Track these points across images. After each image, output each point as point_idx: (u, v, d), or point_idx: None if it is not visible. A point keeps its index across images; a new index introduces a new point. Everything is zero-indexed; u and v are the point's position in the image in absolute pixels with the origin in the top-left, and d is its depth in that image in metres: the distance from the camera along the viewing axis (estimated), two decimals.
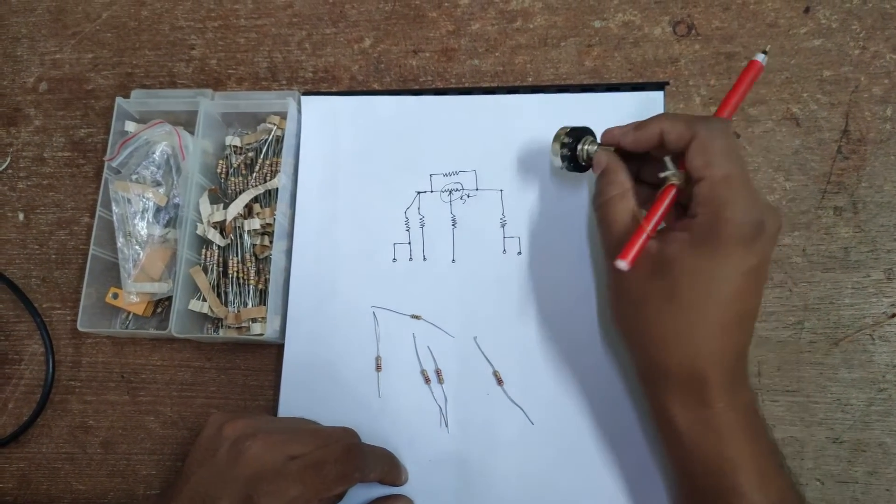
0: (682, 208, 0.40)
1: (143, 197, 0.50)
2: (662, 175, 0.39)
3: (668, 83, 0.50)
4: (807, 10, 0.51)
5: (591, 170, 0.47)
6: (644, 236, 0.38)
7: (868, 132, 0.49)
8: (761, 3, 0.52)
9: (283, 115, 0.51)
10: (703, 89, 0.51)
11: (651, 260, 0.38)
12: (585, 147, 0.44)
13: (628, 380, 0.45)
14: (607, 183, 0.41)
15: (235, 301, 0.49)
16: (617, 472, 0.44)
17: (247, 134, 0.53)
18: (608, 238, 0.41)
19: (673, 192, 0.39)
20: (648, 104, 0.50)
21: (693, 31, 0.52)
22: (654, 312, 0.38)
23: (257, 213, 0.50)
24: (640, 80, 0.51)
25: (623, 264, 0.37)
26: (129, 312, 0.51)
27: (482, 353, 0.47)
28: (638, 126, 0.41)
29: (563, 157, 0.44)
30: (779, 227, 0.37)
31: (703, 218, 0.36)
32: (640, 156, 0.42)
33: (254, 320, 0.48)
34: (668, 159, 0.39)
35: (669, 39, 0.52)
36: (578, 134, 0.44)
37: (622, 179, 0.41)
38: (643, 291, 0.38)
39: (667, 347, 0.38)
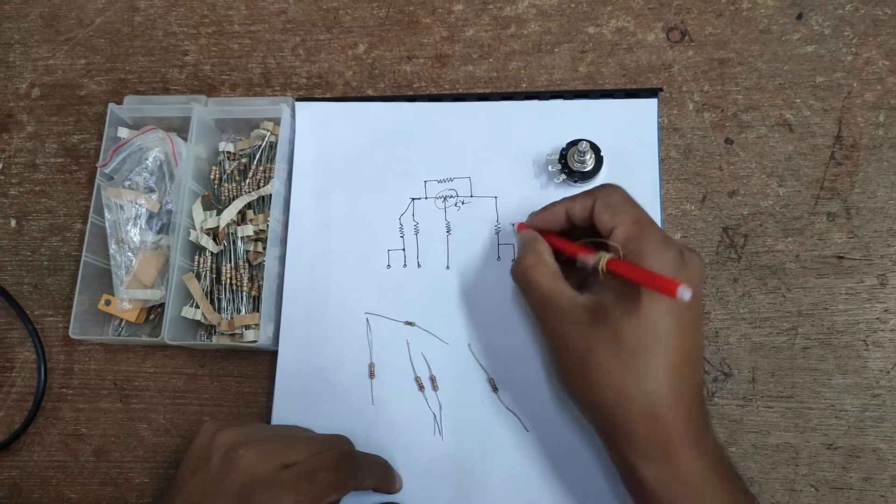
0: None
1: (136, 203, 0.50)
2: (591, 267, 0.38)
3: (661, 89, 0.51)
4: (799, 16, 0.51)
5: (586, 181, 0.47)
6: (657, 275, 0.35)
7: (861, 138, 0.49)
8: (754, 10, 0.52)
9: (277, 121, 0.51)
10: (697, 95, 0.51)
11: (588, 311, 0.38)
12: (573, 149, 0.47)
13: None
14: (525, 253, 0.43)
15: (228, 308, 0.49)
16: (611, 478, 0.44)
17: (240, 140, 0.53)
18: (534, 300, 0.41)
19: (618, 259, 0.38)
20: (642, 111, 0.50)
21: (686, 38, 0.52)
22: (602, 363, 0.37)
23: (251, 220, 0.50)
24: (634, 87, 0.51)
25: (686, 291, 0.32)
26: (121, 319, 0.50)
27: (476, 359, 0.47)
28: (545, 209, 0.43)
29: (558, 162, 0.47)
30: (701, 266, 0.37)
31: (627, 258, 0.37)
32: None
33: (247, 327, 0.48)
34: (580, 259, 0.40)
35: (663, 45, 0.52)
36: (576, 142, 0.47)
37: (539, 248, 0.42)
38: (586, 344, 0.38)
39: (621, 399, 0.36)
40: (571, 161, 0.47)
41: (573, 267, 0.41)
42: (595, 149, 0.47)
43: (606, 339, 0.37)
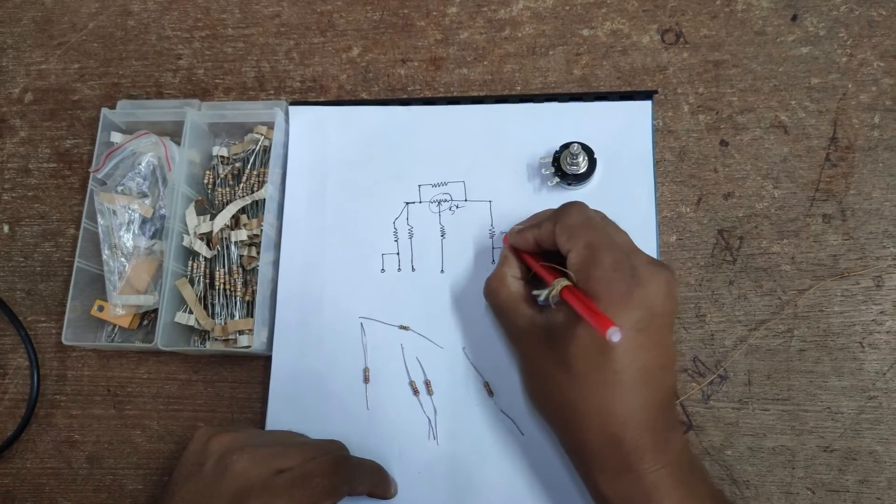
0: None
1: (129, 208, 0.50)
2: (544, 299, 0.39)
3: (656, 91, 0.50)
4: (794, 17, 0.51)
5: (580, 184, 0.47)
6: (594, 308, 0.35)
7: (856, 139, 0.49)
8: (749, 12, 0.52)
9: (271, 126, 0.51)
10: (692, 97, 0.51)
11: (544, 332, 0.39)
12: (566, 152, 0.47)
13: None
14: (493, 274, 0.44)
15: (222, 313, 0.48)
16: None
17: (234, 144, 0.53)
18: (499, 320, 0.44)
19: (572, 295, 0.37)
20: (637, 113, 0.50)
21: (681, 40, 0.52)
22: (558, 385, 0.38)
23: (244, 224, 0.50)
24: (629, 89, 0.51)
25: (616, 334, 0.32)
26: (114, 325, 0.50)
27: (471, 363, 0.47)
28: (518, 232, 0.43)
29: (552, 165, 0.47)
30: (666, 281, 0.37)
31: (578, 285, 0.37)
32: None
33: (241, 332, 0.47)
34: (535, 294, 0.40)
35: (658, 48, 0.52)
36: (569, 144, 0.47)
37: (504, 270, 0.43)
38: (544, 366, 0.39)
39: (577, 417, 0.37)
40: (564, 164, 0.47)
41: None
42: (588, 151, 0.47)
43: (559, 361, 0.38)
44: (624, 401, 0.36)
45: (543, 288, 0.39)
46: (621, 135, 0.49)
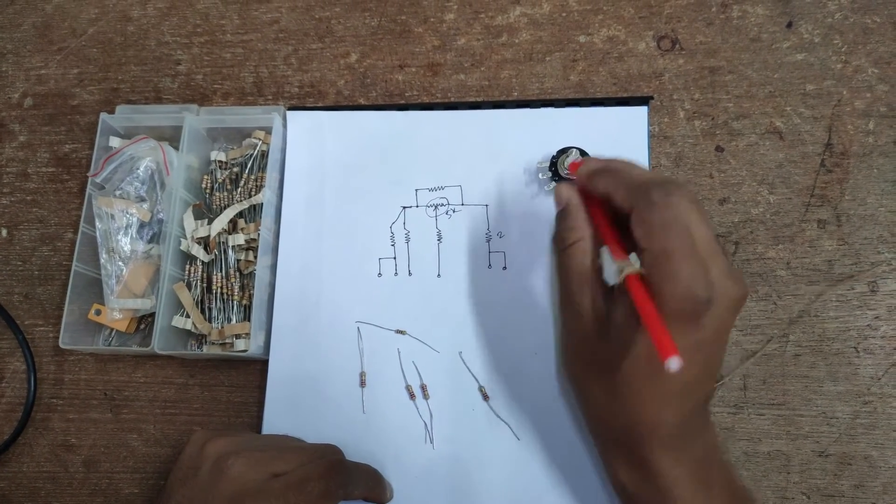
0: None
1: (127, 212, 0.50)
2: (617, 280, 0.36)
3: (652, 97, 0.51)
4: (789, 24, 0.52)
5: None
6: (663, 328, 0.32)
7: (851, 145, 0.49)
8: (744, 18, 0.52)
9: (269, 131, 0.51)
10: (688, 103, 0.51)
11: (600, 324, 0.37)
12: (563, 157, 0.47)
13: None
14: (565, 228, 0.39)
15: (219, 317, 0.49)
16: (603, 487, 0.44)
17: (232, 149, 0.53)
18: (563, 285, 0.39)
19: (637, 284, 0.34)
20: (633, 119, 0.50)
21: (677, 46, 0.52)
22: (597, 374, 0.37)
23: (242, 229, 0.50)
24: (625, 95, 0.51)
25: (676, 361, 0.30)
26: (111, 329, 0.50)
27: (468, 368, 0.47)
28: (591, 174, 0.38)
29: (549, 169, 0.47)
30: (741, 296, 0.34)
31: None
32: None
33: (238, 336, 0.48)
34: (604, 252, 0.37)
35: (653, 54, 0.52)
36: (566, 149, 0.48)
37: (579, 224, 0.38)
38: (590, 352, 0.38)
39: (608, 409, 0.37)
40: (561, 168, 0.47)
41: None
42: (585, 156, 0.47)
43: (607, 357, 0.36)
44: (660, 412, 0.35)
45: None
46: (617, 140, 0.49)
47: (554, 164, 0.48)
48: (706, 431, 0.38)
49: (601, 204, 0.38)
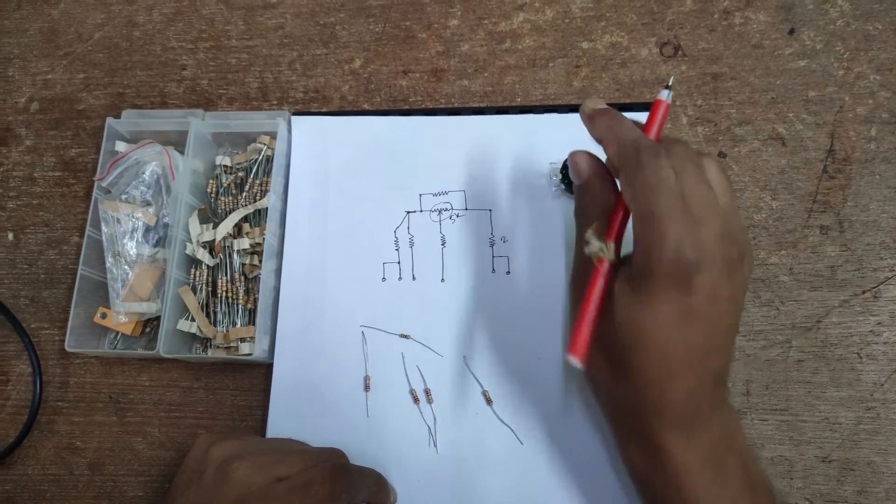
0: None
1: (133, 216, 0.50)
2: (587, 251, 0.36)
3: None
4: (791, 31, 0.52)
5: None
6: (588, 327, 0.35)
7: (853, 152, 0.49)
8: (746, 25, 0.52)
9: (274, 135, 0.52)
10: (690, 109, 0.51)
11: (600, 297, 0.37)
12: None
13: None
14: (589, 203, 0.38)
15: (224, 321, 0.49)
16: (606, 492, 0.44)
17: (237, 154, 0.53)
18: (582, 266, 0.38)
19: (603, 270, 0.35)
20: None
21: (679, 52, 0.53)
22: (600, 353, 0.37)
23: (247, 233, 0.50)
24: (628, 101, 0.52)
25: (575, 361, 0.33)
26: (117, 332, 0.50)
27: (471, 372, 0.47)
28: (593, 118, 0.38)
29: (560, 171, 0.48)
30: (736, 257, 0.34)
31: (636, 257, 0.34)
32: None
33: (242, 340, 0.48)
34: (590, 232, 0.37)
35: (656, 60, 0.53)
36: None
37: (604, 197, 0.37)
38: (598, 333, 0.37)
39: (614, 390, 0.37)
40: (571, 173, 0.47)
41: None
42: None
43: (608, 334, 0.35)
44: (662, 384, 0.34)
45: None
46: None
47: (565, 169, 0.48)
48: (720, 414, 0.36)
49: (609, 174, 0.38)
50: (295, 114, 0.53)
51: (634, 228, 0.34)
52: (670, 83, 0.38)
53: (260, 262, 0.49)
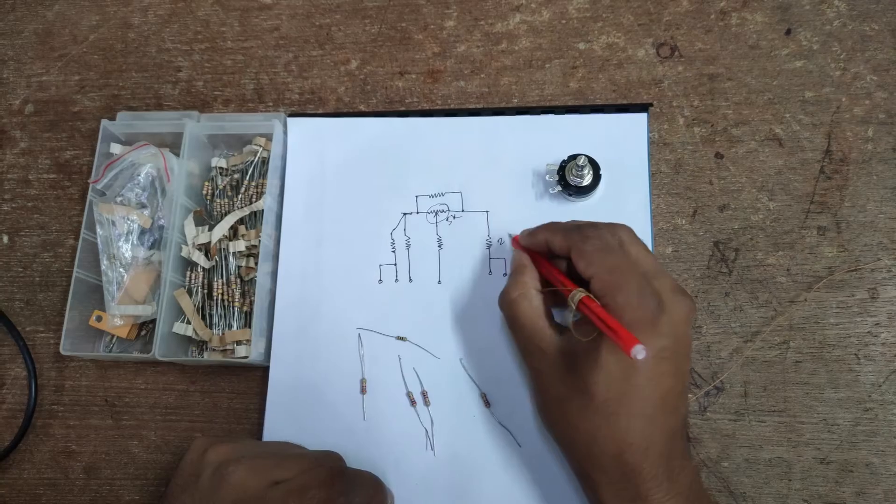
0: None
1: (128, 219, 0.50)
2: (569, 321, 0.39)
3: (651, 104, 0.51)
4: (788, 32, 0.52)
5: (581, 197, 0.48)
6: (620, 326, 0.35)
7: (850, 152, 0.49)
8: (743, 26, 0.52)
9: (269, 137, 0.51)
10: (687, 110, 0.51)
11: (563, 356, 0.39)
12: (572, 163, 0.47)
13: None
14: (512, 284, 0.43)
15: (220, 323, 0.49)
16: None
17: (232, 155, 0.53)
18: (517, 335, 0.42)
19: (591, 305, 0.37)
20: (632, 125, 0.50)
21: (676, 53, 0.52)
22: (576, 409, 0.38)
23: (242, 235, 0.50)
24: (624, 102, 0.52)
25: (641, 351, 0.32)
26: (112, 335, 0.50)
27: (468, 374, 0.47)
28: (531, 233, 0.44)
29: (557, 173, 0.48)
30: (689, 309, 0.37)
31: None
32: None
33: (238, 343, 0.48)
34: (567, 314, 0.40)
35: (653, 61, 0.52)
36: (575, 156, 0.47)
37: (525, 280, 0.42)
38: (560, 389, 0.39)
39: (593, 444, 0.37)
40: (569, 175, 0.47)
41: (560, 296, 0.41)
42: (594, 165, 0.47)
43: (578, 388, 0.37)
44: (645, 430, 0.36)
45: (562, 301, 0.39)
46: (617, 147, 0.50)
47: (563, 167, 0.47)
48: (689, 462, 0.38)
49: (546, 258, 0.43)
50: (291, 115, 0.53)
51: (595, 288, 0.38)
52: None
53: (256, 264, 0.49)
